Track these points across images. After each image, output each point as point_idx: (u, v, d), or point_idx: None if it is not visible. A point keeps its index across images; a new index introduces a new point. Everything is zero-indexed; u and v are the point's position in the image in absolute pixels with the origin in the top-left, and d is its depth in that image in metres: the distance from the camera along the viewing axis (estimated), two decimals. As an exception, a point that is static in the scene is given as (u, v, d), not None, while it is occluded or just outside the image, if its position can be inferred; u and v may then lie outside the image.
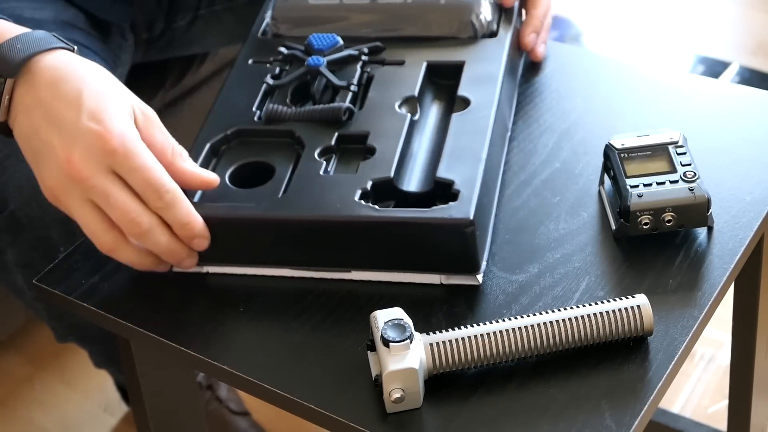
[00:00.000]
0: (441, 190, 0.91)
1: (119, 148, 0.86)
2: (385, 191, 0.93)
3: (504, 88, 1.02)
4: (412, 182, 0.95)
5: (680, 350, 0.84)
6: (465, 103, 1.00)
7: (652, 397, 0.81)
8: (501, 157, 1.02)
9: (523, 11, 1.14)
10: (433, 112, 1.03)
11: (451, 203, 0.89)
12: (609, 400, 0.81)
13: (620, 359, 0.84)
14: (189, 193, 0.92)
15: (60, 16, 1.23)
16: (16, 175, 1.11)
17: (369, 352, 0.84)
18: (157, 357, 1.03)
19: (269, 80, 1.03)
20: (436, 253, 0.90)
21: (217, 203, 0.93)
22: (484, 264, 0.91)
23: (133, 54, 1.38)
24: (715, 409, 1.54)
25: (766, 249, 1.06)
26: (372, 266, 0.92)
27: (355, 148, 0.97)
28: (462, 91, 1.01)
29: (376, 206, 0.90)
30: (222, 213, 0.92)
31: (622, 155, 0.95)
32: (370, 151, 0.96)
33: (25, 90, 0.90)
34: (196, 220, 0.89)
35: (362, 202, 0.91)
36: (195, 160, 0.96)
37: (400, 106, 1.00)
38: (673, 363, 0.83)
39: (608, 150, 0.97)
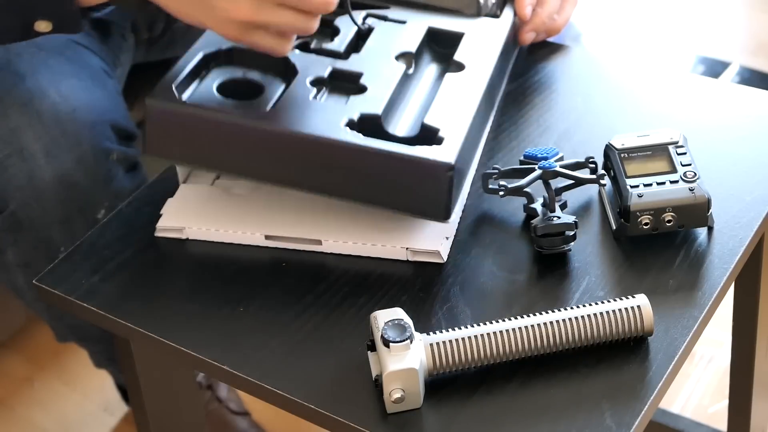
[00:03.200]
0: (426, 136, 0.93)
1: None
2: (372, 129, 0.94)
3: (498, 64, 1.04)
4: (399, 128, 0.97)
5: (680, 350, 0.84)
6: (459, 66, 1.02)
7: (652, 397, 0.81)
8: (486, 125, 1.04)
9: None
10: (427, 71, 1.05)
11: (435, 146, 0.91)
12: (609, 400, 0.81)
13: (620, 359, 0.84)
14: (180, 91, 0.95)
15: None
16: (17, 175, 1.11)
17: (369, 352, 0.84)
18: (157, 357, 1.03)
19: None
20: (411, 192, 0.91)
21: (205, 105, 0.95)
22: (454, 215, 0.93)
23: (134, 54, 1.38)
24: (715, 409, 1.54)
25: (766, 249, 1.06)
26: (345, 195, 0.93)
27: (347, 86, 0.99)
28: (458, 56, 1.03)
29: (361, 135, 0.92)
30: (209, 114, 0.94)
31: (622, 155, 0.95)
32: (362, 90, 0.98)
33: None
34: None
35: (348, 129, 0.92)
36: (185, 64, 0.98)
37: (397, 58, 1.02)
38: (673, 363, 0.83)
39: (608, 150, 0.97)
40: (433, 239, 0.94)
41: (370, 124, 0.94)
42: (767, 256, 1.06)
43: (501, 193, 0.95)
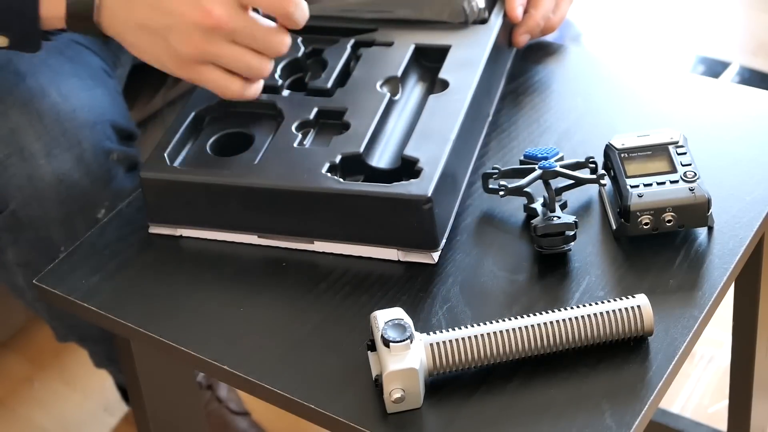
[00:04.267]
0: (407, 168, 0.94)
1: None
2: (355, 166, 0.96)
3: (486, 74, 1.04)
4: (383, 159, 0.98)
5: (680, 350, 0.84)
6: (444, 85, 1.02)
7: (652, 397, 0.81)
8: (476, 141, 1.04)
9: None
10: (414, 94, 1.06)
11: (412, 180, 0.92)
12: (609, 400, 0.81)
13: (620, 359, 0.84)
14: (172, 157, 0.98)
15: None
16: (17, 174, 1.11)
17: (369, 352, 0.84)
18: (157, 357, 1.03)
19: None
20: (396, 228, 0.93)
21: (195, 168, 0.98)
22: (443, 242, 0.93)
23: (134, 54, 1.38)
24: (715, 409, 1.54)
25: (767, 249, 1.06)
26: (336, 238, 0.95)
27: (333, 123, 1.00)
28: (443, 74, 1.03)
29: (341, 179, 0.93)
30: (197, 178, 0.96)
31: (622, 155, 0.95)
32: (345, 127, 0.99)
33: None
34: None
35: (329, 174, 0.94)
36: (178, 126, 1.01)
37: (381, 86, 1.03)
38: (673, 363, 0.83)
39: (608, 150, 0.97)
40: None
41: (353, 163, 0.96)
42: (767, 256, 1.06)
43: (501, 193, 0.95)
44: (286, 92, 1.04)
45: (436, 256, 0.93)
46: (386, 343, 0.81)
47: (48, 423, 1.63)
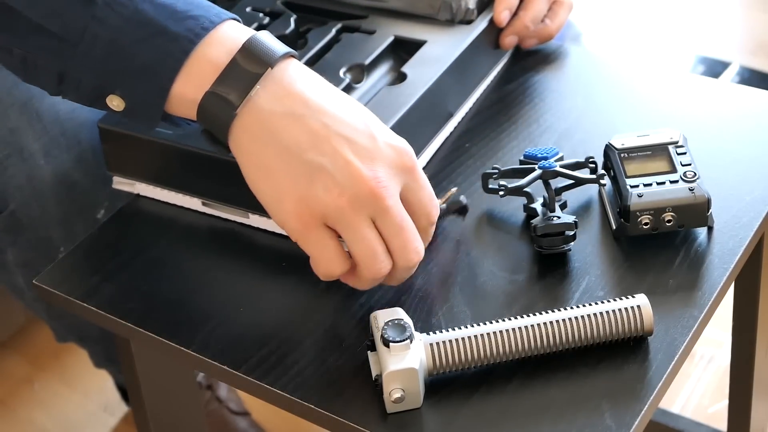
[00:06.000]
0: None
1: (415, 166, 0.83)
2: None
3: (453, 72, 1.04)
4: None
5: (680, 350, 0.84)
6: (402, 78, 1.02)
7: (652, 397, 0.81)
8: (428, 138, 1.03)
9: None
10: (379, 84, 1.05)
11: None
12: (609, 400, 0.81)
13: (620, 359, 0.84)
14: None
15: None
16: (17, 175, 1.11)
17: (369, 352, 0.84)
18: (157, 357, 1.03)
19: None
20: None
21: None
22: None
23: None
24: (715, 409, 1.54)
25: (766, 249, 1.06)
26: (264, 212, 0.94)
27: None
28: (405, 67, 1.03)
29: None
30: (142, 135, 0.99)
31: (622, 155, 0.95)
32: None
33: (278, 90, 0.82)
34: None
35: None
36: None
37: (345, 72, 1.03)
38: (673, 363, 0.83)
39: (608, 150, 0.97)
40: None
41: None
42: (767, 256, 1.06)
43: (501, 193, 0.95)
44: None
45: None
46: (386, 343, 0.81)
47: (48, 423, 1.63)
